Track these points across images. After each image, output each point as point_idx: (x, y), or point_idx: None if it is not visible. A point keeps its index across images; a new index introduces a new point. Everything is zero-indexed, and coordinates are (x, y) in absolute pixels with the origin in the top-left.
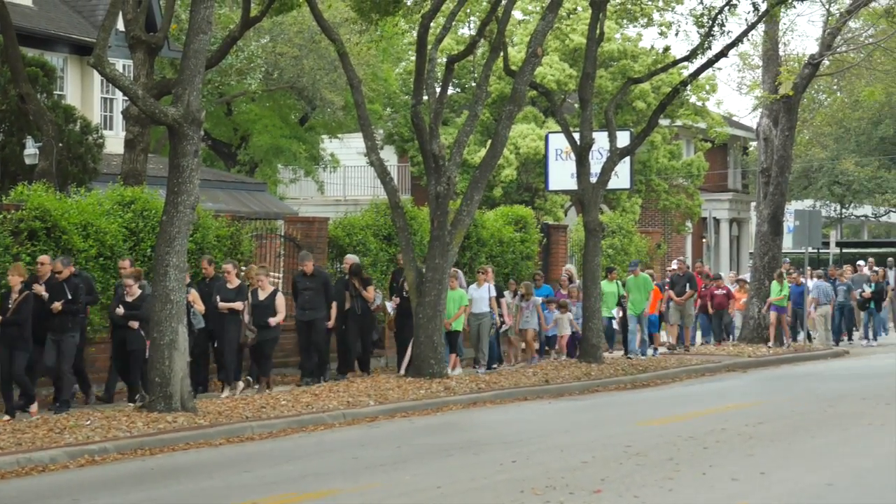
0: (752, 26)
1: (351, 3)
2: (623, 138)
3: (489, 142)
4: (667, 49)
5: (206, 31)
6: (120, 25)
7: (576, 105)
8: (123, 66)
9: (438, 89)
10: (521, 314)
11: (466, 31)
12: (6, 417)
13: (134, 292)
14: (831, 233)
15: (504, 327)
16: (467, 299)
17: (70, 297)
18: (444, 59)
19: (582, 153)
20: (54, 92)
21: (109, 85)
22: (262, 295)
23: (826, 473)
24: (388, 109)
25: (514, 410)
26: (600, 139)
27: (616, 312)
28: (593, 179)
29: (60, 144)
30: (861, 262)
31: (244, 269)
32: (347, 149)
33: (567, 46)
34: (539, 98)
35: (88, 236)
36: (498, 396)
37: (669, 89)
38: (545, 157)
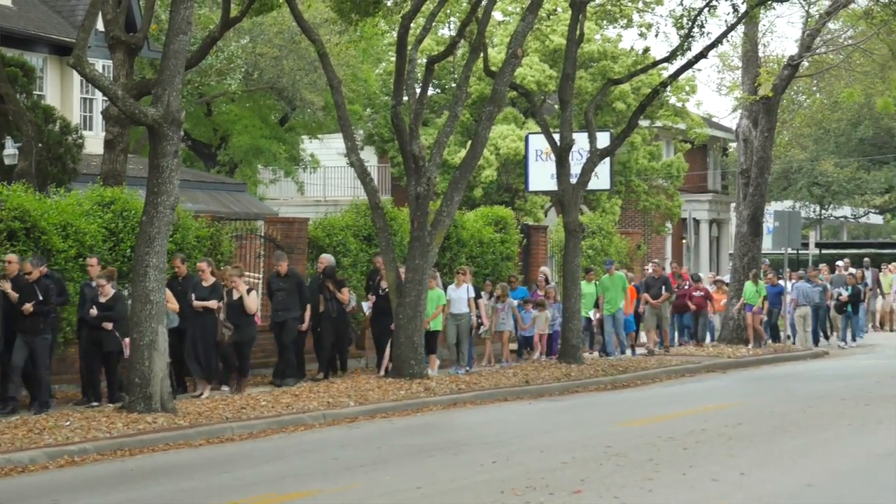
0: (731, 27)
1: (331, 3)
2: (603, 139)
3: (469, 142)
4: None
5: (186, 32)
6: (100, 26)
7: (556, 106)
8: (103, 67)
9: (418, 90)
10: (497, 315)
11: (446, 31)
12: None
13: (107, 292)
14: (810, 234)
15: (482, 329)
16: (445, 299)
17: (41, 299)
18: (425, 60)
19: (562, 154)
20: (34, 92)
21: (89, 85)
22: (237, 295)
23: (806, 474)
24: (368, 110)
25: (494, 411)
26: (580, 140)
27: (594, 314)
28: (573, 180)
29: (40, 145)
30: (840, 263)
31: (224, 267)
32: (327, 149)
33: (547, 47)
34: (519, 99)
35: (68, 237)
36: (478, 397)
37: (649, 90)
38: (525, 157)
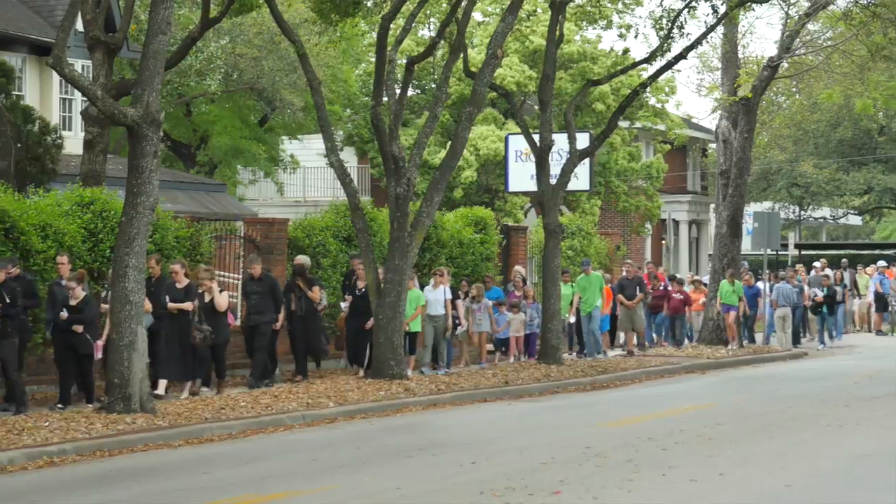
0: (711, 28)
1: (311, 4)
2: (583, 140)
3: (449, 143)
4: (626, 51)
5: (166, 32)
6: (79, 26)
7: (535, 107)
8: (82, 67)
9: (398, 91)
10: (473, 316)
11: (426, 32)
12: None
13: (77, 295)
14: (790, 235)
15: (459, 330)
16: (424, 300)
17: (7, 301)
18: (404, 61)
19: (542, 155)
20: (13, 92)
21: (68, 85)
22: (208, 297)
23: (785, 474)
24: (347, 111)
25: (473, 412)
26: (560, 141)
27: (570, 316)
28: (553, 181)
29: (19, 145)
30: (816, 264)
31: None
32: (307, 150)
33: (527, 48)
34: (499, 100)
35: (47, 237)
36: (458, 398)
37: (629, 91)
38: (505, 158)
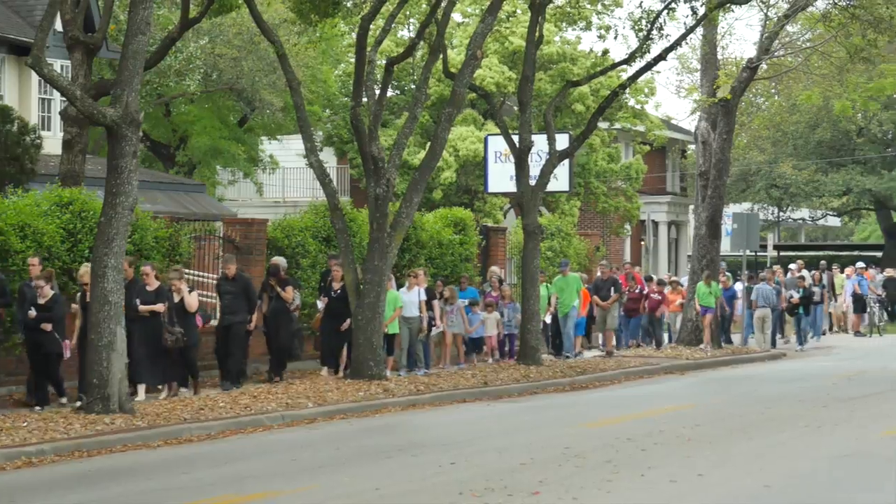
0: (690, 30)
1: (290, 4)
2: (562, 141)
3: (428, 144)
4: (606, 52)
5: (145, 32)
6: (58, 26)
7: (515, 108)
8: (61, 67)
9: (378, 91)
10: (447, 317)
11: (406, 33)
12: None
13: (46, 294)
14: (769, 236)
15: (434, 331)
16: (401, 301)
17: None
18: (384, 62)
19: (521, 156)
20: None
21: (47, 85)
22: (178, 297)
23: (763, 475)
24: (327, 111)
25: (452, 412)
26: (539, 142)
27: (547, 315)
28: (532, 182)
29: None
30: (792, 266)
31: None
32: (286, 150)
33: (506, 49)
34: (478, 100)
35: (26, 237)
36: (437, 398)
37: (608, 92)
38: (484, 159)
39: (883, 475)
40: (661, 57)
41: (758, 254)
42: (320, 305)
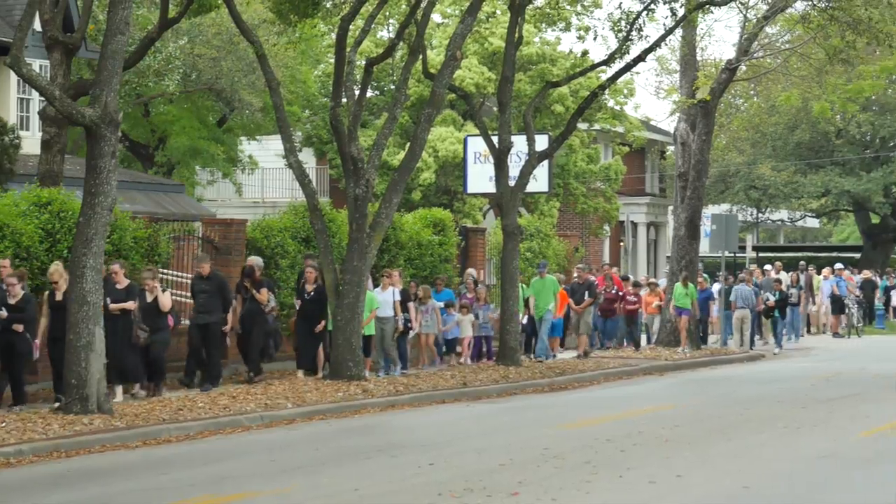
0: (669, 31)
1: (270, 4)
2: (541, 142)
3: (408, 145)
4: (585, 53)
5: (124, 32)
6: (37, 25)
7: (494, 108)
8: (40, 67)
9: (357, 92)
10: (421, 317)
11: (385, 34)
12: None
13: (16, 293)
14: (748, 237)
15: (412, 333)
16: (377, 302)
17: None
18: (363, 62)
19: (500, 156)
20: None
21: (26, 85)
22: (150, 297)
23: (742, 476)
24: (306, 111)
25: (431, 413)
26: (519, 142)
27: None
28: (512, 183)
29: None
30: (768, 267)
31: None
32: (266, 151)
33: (486, 50)
34: (458, 101)
35: (4, 237)
36: (416, 399)
37: (588, 93)
38: (464, 160)
39: (861, 476)
40: (641, 58)
41: (737, 255)
42: (298, 305)
